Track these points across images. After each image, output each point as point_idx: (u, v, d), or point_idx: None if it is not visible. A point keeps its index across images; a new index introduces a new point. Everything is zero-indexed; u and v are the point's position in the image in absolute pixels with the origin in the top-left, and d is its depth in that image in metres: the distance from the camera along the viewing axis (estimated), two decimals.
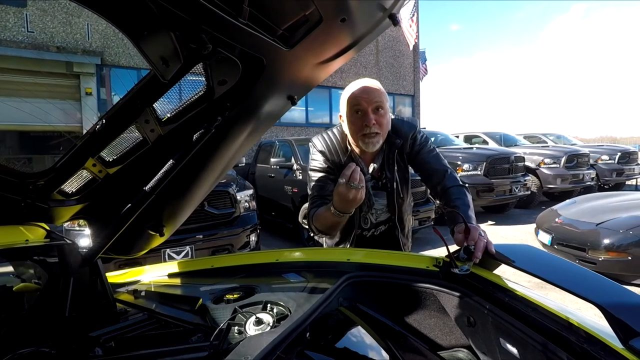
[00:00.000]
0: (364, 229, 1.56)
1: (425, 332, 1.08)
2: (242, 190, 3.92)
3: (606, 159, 9.21)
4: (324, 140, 1.50)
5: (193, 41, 0.72)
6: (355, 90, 1.37)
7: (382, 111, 1.36)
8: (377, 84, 1.40)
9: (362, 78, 1.42)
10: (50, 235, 1.10)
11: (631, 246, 3.43)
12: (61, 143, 6.57)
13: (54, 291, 1.01)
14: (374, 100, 1.34)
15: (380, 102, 1.35)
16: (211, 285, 1.16)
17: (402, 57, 14.94)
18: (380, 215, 1.54)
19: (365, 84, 1.38)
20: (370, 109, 1.34)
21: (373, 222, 1.55)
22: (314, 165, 1.49)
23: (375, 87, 1.38)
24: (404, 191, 1.52)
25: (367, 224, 1.55)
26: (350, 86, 1.41)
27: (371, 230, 1.56)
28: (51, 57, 8.02)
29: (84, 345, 0.88)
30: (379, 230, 1.58)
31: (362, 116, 1.35)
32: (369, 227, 1.55)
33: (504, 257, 0.99)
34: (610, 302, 0.73)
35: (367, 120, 1.33)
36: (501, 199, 6.67)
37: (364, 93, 1.35)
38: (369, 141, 1.36)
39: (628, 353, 0.65)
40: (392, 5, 0.93)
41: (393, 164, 1.47)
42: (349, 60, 1.23)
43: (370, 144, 1.36)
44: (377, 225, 1.56)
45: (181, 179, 1.06)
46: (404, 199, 1.54)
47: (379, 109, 1.35)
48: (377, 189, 1.50)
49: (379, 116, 1.35)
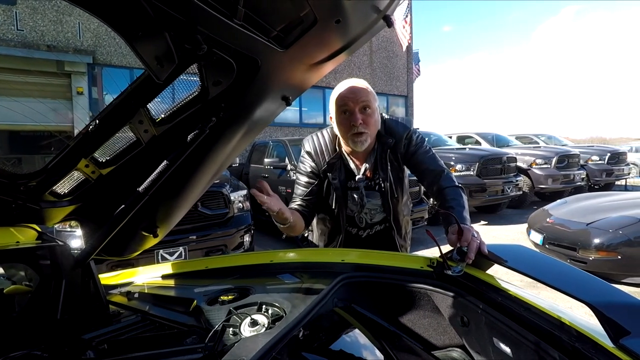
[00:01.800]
0: (360, 228, 1.56)
1: (419, 332, 1.09)
2: (236, 191, 3.90)
3: (596, 160, 9.35)
4: (312, 142, 1.51)
5: (188, 42, 0.71)
6: (342, 90, 1.38)
7: (370, 110, 1.37)
8: (363, 84, 1.40)
9: (350, 78, 1.43)
10: (42, 236, 1.08)
11: (621, 245, 3.48)
12: (52, 143, 6.49)
13: (45, 293, 1.00)
14: (360, 99, 1.35)
15: (367, 102, 1.36)
16: (205, 287, 1.16)
17: (396, 58, 15.00)
18: (375, 215, 1.54)
19: (352, 84, 1.39)
20: (357, 109, 1.35)
21: (368, 222, 1.55)
22: (300, 168, 1.53)
23: (362, 86, 1.38)
24: (399, 191, 1.52)
25: (363, 224, 1.55)
26: (338, 87, 1.42)
27: (367, 230, 1.57)
28: (41, 56, 7.92)
29: (76, 348, 0.87)
30: (375, 229, 1.58)
31: (349, 116, 1.36)
32: (365, 227, 1.56)
33: (496, 257, 1.00)
34: (601, 302, 0.74)
35: (354, 120, 1.34)
36: (494, 199, 6.73)
37: (350, 93, 1.36)
38: (357, 140, 1.37)
39: (618, 351, 0.66)
40: (387, 6, 0.94)
41: (386, 163, 1.47)
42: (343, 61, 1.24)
43: (358, 143, 1.37)
44: (372, 226, 1.56)
45: (175, 179, 1.05)
46: (399, 199, 1.54)
47: (365, 108, 1.36)
48: (370, 189, 1.51)
49: (366, 115, 1.36)
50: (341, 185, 1.47)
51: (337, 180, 1.47)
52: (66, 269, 1.04)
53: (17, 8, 7.92)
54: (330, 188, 1.49)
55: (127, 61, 8.99)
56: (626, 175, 9.79)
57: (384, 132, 1.45)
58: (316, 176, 1.50)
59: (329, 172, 1.47)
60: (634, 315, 0.73)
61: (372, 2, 0.89)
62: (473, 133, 9.65)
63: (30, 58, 7.69)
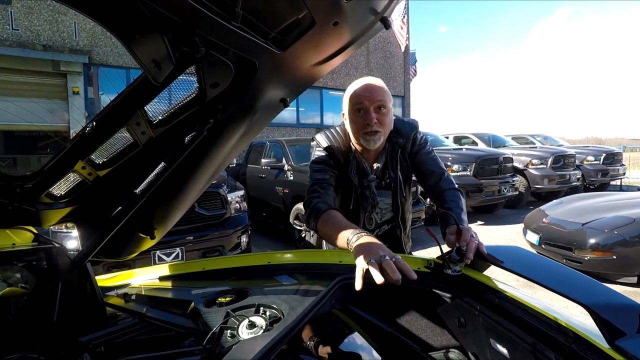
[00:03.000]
0: (368, 229, 1.54)
1: (416, 333, 1.09)
2: (233, 191, 3.89)
3: (591, 160, 9.40)
4: (327, 138, 1.48)
5: (186, 44, 0.71)
6: (358, 88, 1.37)
7: (385, 110, 1.36)
8: (380, 82, 1.39)
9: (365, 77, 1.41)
10: (38, 238, 1.08)
11: (616, 245, 3.50)
12: (48, 144, 6.45)
13: (41, 295, 0.99)
14: (376, 99, 1.33)
15: (382, 101, 1.34)
16: (203, 289, 1.15)
17: (393, 58, 15.03)
18: (384, 215, 1.54)
19: (368, 82, 1.37)
20: (372, 108, 1.33)
21: (378, 222, 1.54)
22: (317, 158, 1.45)
23: (378, 85, 1.37)
24: (407, 190, 1.53)
25: (372, 225, 1.54)
26: (353, 84, 1.40)
27: (375, 231, 1.56)
28: (37, 56, 7.86)
29: (73, 350, 0.87)
30: (382, 230, 1.57)
31: (364, 114, 1.34)
32: (374, 228, 1.55)
33: (494, 259, 1.00)
34: (596, 303, 0.75)
35: (369, 119, 1.32)
36: (490, 199, 6.76)
37: (366, 91, 1.35)
38: (370, 138, 1.35)
39: (614, 353, 0.67)
40: (384, 8, 0.94)
41: (396, 163, 1.47)
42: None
43: (371, 141, 1.36)
44: (381, 225, 1.56)
45: (173, 181, 1.05)
46: (407, 198, 1.55)
47: (381, 107, 1.35)
48: (380, 188, 1.50)
49: (381, 115, 1.35)
50: (359, 183, 1.46)
51: (357, 179, 1.46)
52: (63, 271, 1.03)
53: (12, 7, 7.86)
54: (345, 187, 1.48)
55: (124, 61, 8.94)
56: (621, 175, 9.85)
57: (394, 132, 1.45)
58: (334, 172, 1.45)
59: (349, 171, 1.45)
60: (629, 316, 0.73)
61: (370, 4, 0.89)
62: (470, 133, 9.68)
63: (26, 58, 7.64)
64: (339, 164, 1.45)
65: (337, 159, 1.45)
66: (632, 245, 3.47)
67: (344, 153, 1.46)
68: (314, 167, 1.45)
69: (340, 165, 1.45)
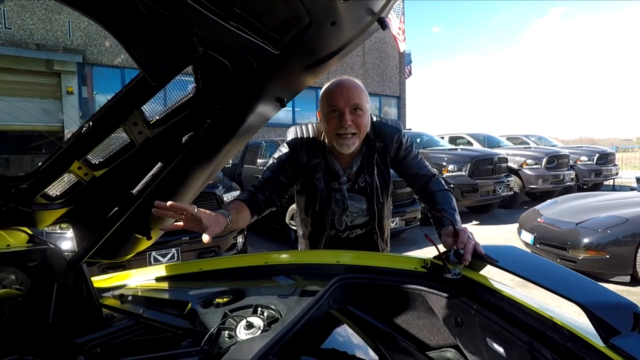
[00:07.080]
0: (339, 230, 1.52)
1: (413, 333, 1.09)
2: (229, 192, 3.88)
3: (585, 160, 9.49)
4: (296, 134, 1.45)
5: (183, 44, 0.71)
6: (334, 88, 1.31)
7: (361, 112, 1.30)
8: (357, 83, 1.34)
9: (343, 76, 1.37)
10: (33, 239, 1.07)
11: (609, 245, 3.54)
12: (42, 144, 6.39)
13: (36, 297, 0.99)
14: (352, 100, 1.28)
15: (359, 103, 1.29)
16: (200, 289, 1.15)
17: (388, 58, 15.08)
18: (355, 218, 1.50)
19: (345, 82, 1.32)
20: (348, 109, 1.28)
21: (348, 224, 1.51)
22: (277, 156, 1.44)
23: (355, 85, 1.32)
24: (384, 195, 1.49)
25: (342, 226, 1.51)
26: (330, 84, 1.35)
27: (346, 232, 1.53)
28: (30, 55, 7.80)
29: (69, 352, 0.86)
30: (355, 233, 1.54)
31: (338, 116, 1.29)
32: (344, 229, 1.52)
33: (490, 259, 1.01)
34: (592, 302, 0.76)
35: (343, 120, 1.27)
36: (485, 199, 6.80)
37: (342, 92, 1.29)
38: (343, 142, 1.30)
39: (609, 351, 0.68)
40: (381, 9, 0.94)
41: (373, 167, 1.43)
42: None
43: (344, 145, 1.31)
44: (352, 228, 1.53)
45: (169, 181, 1.05)
46: (384, 203, 1.50)
47: (357, 109, 1.29)
48: (352, 191, 1.46)
49: (356, 117, 1.29)
50: (325, 186, 1.42)
51: (322, 182, 1.41)
52: (58, 272, 1.02)
53: (5, 6, 7.79)
54: (311, 188, 1.44)
55: (118, 60, 8.89)
56: (614, 175, 9.95)
57: (373, 135, 1.40)
58: (292, 170, 1.42)
59: (313, 172, 1.41)
60: (623, 315, 0.74)
61: (367, 4, 0.90)
62: (465, 134, 9.72)
63: (19, 57, 7.57)
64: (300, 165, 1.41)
65: (300, 157, 1.41)
66: (625, 244, 3.51)
67: (310, 152, 1.41)
68: (271, 164, 1.44)
69: (302, 166, 1.41)
